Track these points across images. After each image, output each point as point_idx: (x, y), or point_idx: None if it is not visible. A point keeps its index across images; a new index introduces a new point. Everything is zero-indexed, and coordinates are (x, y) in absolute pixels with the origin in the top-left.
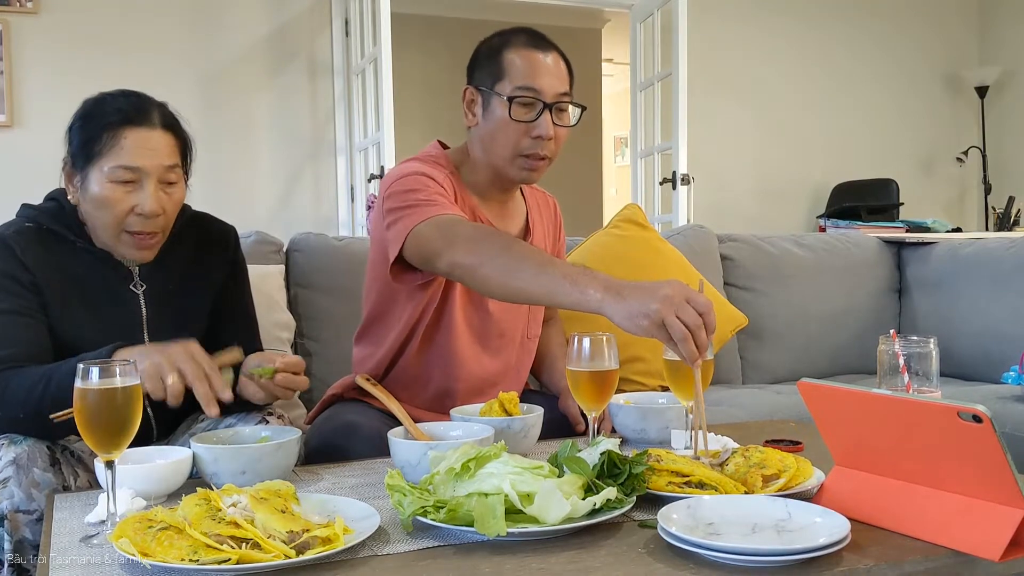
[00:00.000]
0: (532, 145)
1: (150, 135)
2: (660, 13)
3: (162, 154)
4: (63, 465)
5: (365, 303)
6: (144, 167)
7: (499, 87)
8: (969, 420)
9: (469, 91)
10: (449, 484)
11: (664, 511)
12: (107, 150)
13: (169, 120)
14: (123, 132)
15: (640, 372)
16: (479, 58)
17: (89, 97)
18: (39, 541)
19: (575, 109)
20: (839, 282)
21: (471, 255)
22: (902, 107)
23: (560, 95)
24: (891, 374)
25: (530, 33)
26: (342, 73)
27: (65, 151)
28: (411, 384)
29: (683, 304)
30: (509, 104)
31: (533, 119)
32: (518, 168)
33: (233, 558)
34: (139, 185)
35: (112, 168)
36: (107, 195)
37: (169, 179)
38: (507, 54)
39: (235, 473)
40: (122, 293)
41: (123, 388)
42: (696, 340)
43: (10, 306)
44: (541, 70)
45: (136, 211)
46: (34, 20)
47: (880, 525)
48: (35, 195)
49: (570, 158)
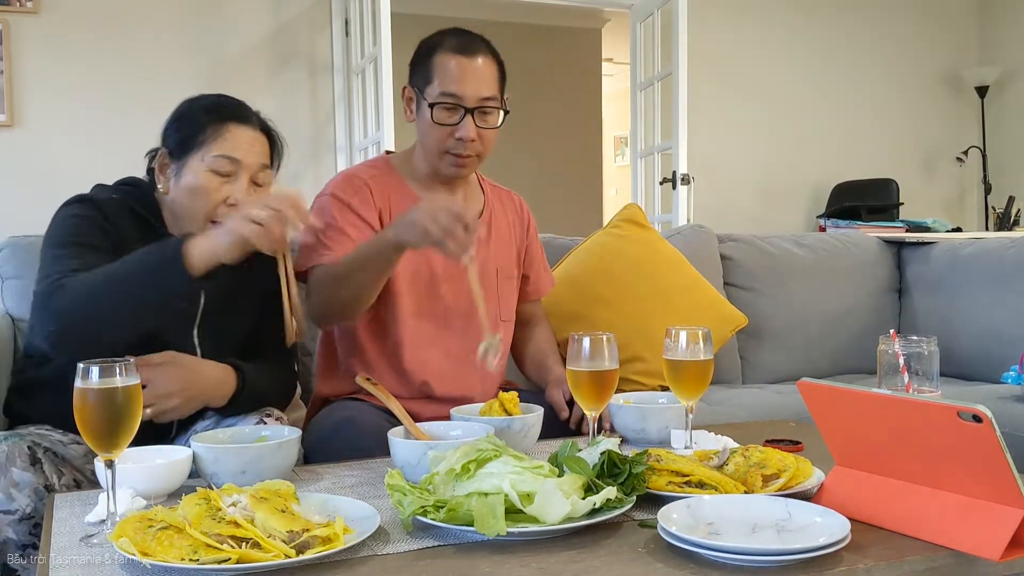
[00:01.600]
0: (456, 146)
1: (250, 133)
2: (660, 13)
3: (259, 152)
4: (44, 464)
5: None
6: (244, 161)
7: (427, 91)
8: (969, 420)
9: (407, 89)
10: (449, 484)
11: (664, 511)
12: (210, 140)
13: (265, 125)
14: (227, 126)
15: (640, 372)
16: (416, 58)
17: (188, 97)
18: (24, 541)
19: (501, 112)
20: (839, 282)
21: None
22: (902, 107)
23: (483, 99)
24: (891, 374)
25: (462, 35)
26: (342, 73)
27: (160, 144)
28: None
29: (441, 210)
30: (431, 109)
31: (456, 123)
32: (447, 164)
33: (233, 558)
34: (234, 178)
35: (214, 157)
36: (203, 183)
37: (259, 180)
38: (436, 58)
39: (235, 473)
40: None
41: (123, 388)
42: (455, 237)
43: (92, 241)
44: (465, 76)
45: (228, 202)
46: (34, 20)
47: (880, 525)
48: (35, 195)
49: (570, 158)
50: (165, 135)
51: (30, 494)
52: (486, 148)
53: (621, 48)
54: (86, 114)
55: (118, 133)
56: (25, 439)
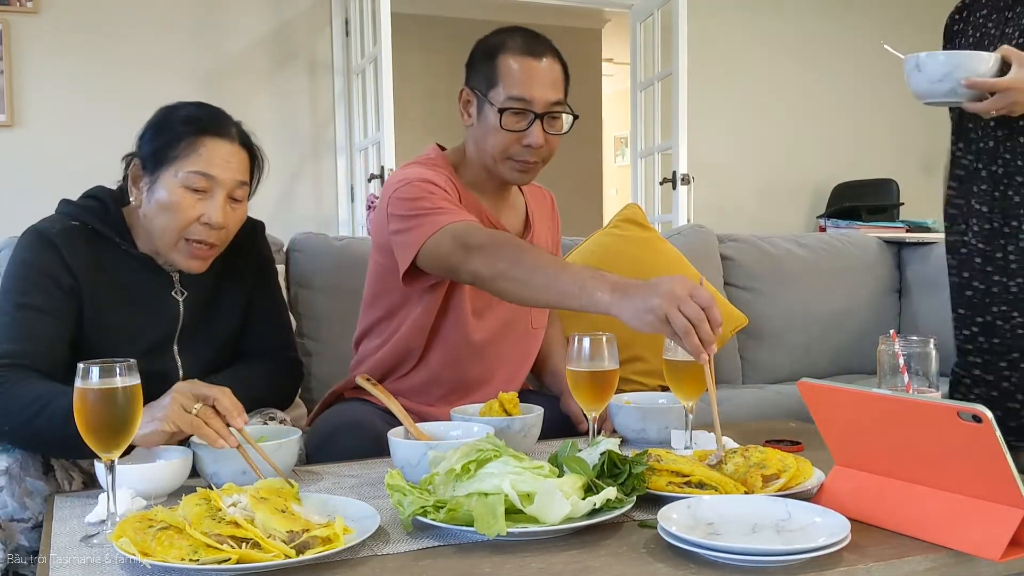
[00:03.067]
0: (522, 152)
1: (228, 147)
2: (660, 13)
3: (236, 168)
4: (57, 471)
5: (369, 304)
6: (218, 177)
7: (492, 94)
8: (969, 420)
9: (465, 92)
10: (449, 484)
11: (664, 511)
12: (183, 155)
13: (245, 138)
14: (202, 140)
15: (640, 372)
16: (475, 59)
17: (165, 104)
18: (36, 547)
19: (568, 116)
20: (839, 282)
21: (488, 267)
22: (902, 107)
23: (552, 104)
24: (891, 374)
25: (526, 35)
26: (342, 73)
27: (135, 153)
28: (419, 381)
29: (685, 298)
30: (500, 114)
31: (524, 128)
32: (509, 169)
33: (233, 558)
34: (209, 195)
35: (187, 173)
36: (177, 200)
37: (237, 195)
38: (501, 59)
39: (235, 473)
40: (164, 299)
41: (123, 388)
42: (700, 334)
43: (36, 302)
44: (534, 79)
45: (202, 220)
46: (34, 20)
47: (880, 525)
48: (35, 195)
49: (570, 158)
50: (140, 144)
51: (42, 503)
52: (551, 154)
53: (621, 48)
54: (86, 114)
55: (118, 133)
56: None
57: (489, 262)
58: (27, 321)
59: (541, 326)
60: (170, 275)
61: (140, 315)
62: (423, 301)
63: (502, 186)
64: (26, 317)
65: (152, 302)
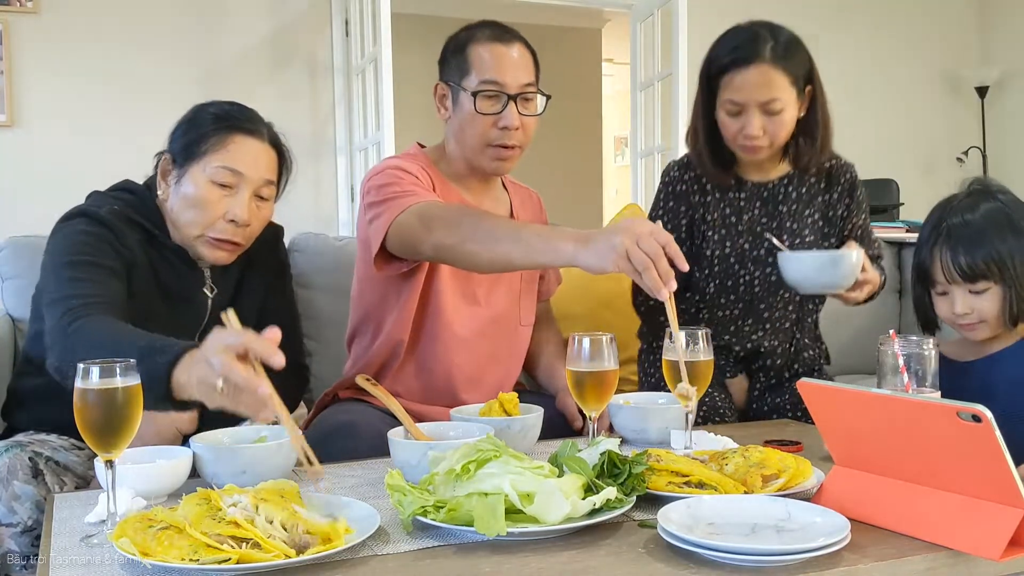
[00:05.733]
0: (500, 136)
1: (257, 145)
2: (660, 13)
3: (264, 167)
4: (47, 475)
5: (356, 304)
6: (245, 173)
7: (465, 82)
8: (969, 420)
9: (440, 86)
10: (449, 484)
11: (664, 511)
12: (213, 150)
13: (275, 138)
14: (232, 136)
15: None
16: (447, 54)
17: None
18: (26, 551)
19: (541, 98)
20: None
21: (451, 235)
22: (902, 107)
23: (524, 86)
24: (891, 374)
25: (494, 26)
26: (342, 73)
27: (166, 147)
28: (411, 378)
29: (645, 235)
30: (474, 98)
31: (499, 111)
32: (489, 158)
33: (233, 558)
34: (235, 191)
35: (215, 168)
36: (203, 195)
37: (263, 194)
38: (472, 48)
39: (235, 473)
40: (195, 295)
41: (123, 388)
42: (658, 268)
43: (102, 262)
44: (505, 63)
45: (227, 217)
46: (34, 20)
47: (880, 525)
48: (35, 195)
49: (570, 158)
50: (171, 139)
51: (31, 507)
52: (527, 138)
53: (621, 48)
54: (86, 114)
55: (118, 133)
56: (26, 449)
57: (451, 231)
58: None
59: (529, 324)
60: (203, 271)
61: (173, 307)
62: (402, 292)
63: (484, 179)
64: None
65: (185, 296)
